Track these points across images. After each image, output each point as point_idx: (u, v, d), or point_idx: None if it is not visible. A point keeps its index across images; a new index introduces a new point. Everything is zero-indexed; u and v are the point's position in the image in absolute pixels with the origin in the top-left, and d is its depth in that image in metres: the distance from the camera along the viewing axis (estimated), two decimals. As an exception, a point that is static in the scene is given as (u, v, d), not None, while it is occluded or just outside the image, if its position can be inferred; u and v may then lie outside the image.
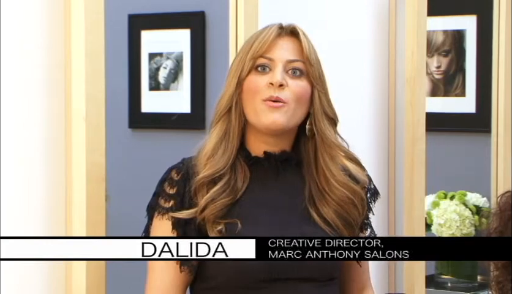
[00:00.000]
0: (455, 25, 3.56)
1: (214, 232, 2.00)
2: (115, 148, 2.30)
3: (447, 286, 3.55)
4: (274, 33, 2.06)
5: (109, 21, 2.31)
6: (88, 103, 2.24)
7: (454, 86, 3.58)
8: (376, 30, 3.22)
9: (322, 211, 2.10)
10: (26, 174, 2.22)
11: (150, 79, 2.76)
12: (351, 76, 3.14)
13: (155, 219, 2.07)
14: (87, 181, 2.23)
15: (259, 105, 2.02)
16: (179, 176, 2.05)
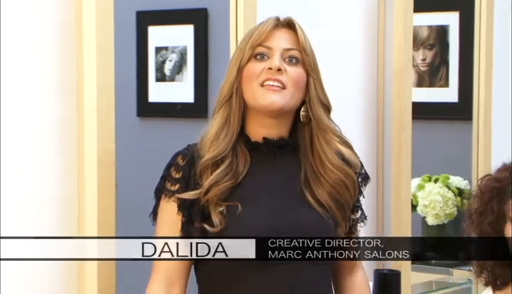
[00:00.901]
0: (439, 21, 3.56)
1: (216, 213, 1.99)
2: (124, 135, 2.30)
3: (431, 262, 3.55)
4: (271, 24, 2.07)
5: (118, 17, 2.29)
6: (99, 94, 2.24)
7: (438, 77, 3.58)
8: (367, 25, 3.21)
9: (316, 192, 2.09)
10: (42, 159, 2.22)
11: (157, 71, 2.76)
12: (344, 68, 3.14)
13: (162, 201, 2.06)
14: (99, 166, 2.23)
15: (257, 88, 2.02)
16: (184, 161, 2.04)
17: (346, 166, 2.13)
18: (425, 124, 3.31)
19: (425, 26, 3.48)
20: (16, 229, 2.17)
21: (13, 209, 2.16)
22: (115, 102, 2.27)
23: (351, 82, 3.17)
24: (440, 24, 3.56)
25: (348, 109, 3.16)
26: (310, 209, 2.09)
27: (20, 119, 2.18)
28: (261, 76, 2.02)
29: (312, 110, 2.08)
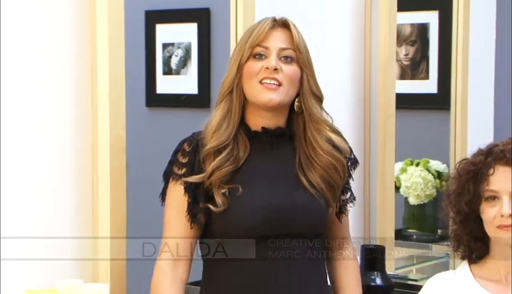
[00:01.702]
0: (420, 19, 3.56)
1: (219, 195, 2.00)
2: (134, 123, 2.31)
3: (412, 238, 3.55)
4: (268, 25, 2.06)
5: (128, 16, 2.29)
6: (111, 85, 2.24)
7: (419, 70, 3.58)
8: (354, 23, 3.21)
9: (309, 176, 2.10)
10: (58, 144, 2.23)
11: (164, 66, 2.76)
12: (333, 62, 3.14)
13: (170, 184, 2.07)
14: (111, 151, 2.23)
15: (256, 86, 2.03)
16: (190, 147, 2.06)
17: (336, 151, 2.13)
18: (408, 113, 3.31)
19: (407, 24, 3.48)
20: (37, 203, 2.18)
21: (34, 187, 2.17)
22: (126, 93, 2.27)
23: (340, 75, 3.17)
24: (421, 22, 3.56)
25: (338, 100, 3.15)
26: (305, 191, 2.10)
27: (41, 108, 2.18)
28: (259, 74, 2.03)
29: (304, 102, 2.09)
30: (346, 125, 3.18)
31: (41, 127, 2.19)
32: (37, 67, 2.17)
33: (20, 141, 2.14)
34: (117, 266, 2.24)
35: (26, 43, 2.14)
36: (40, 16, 2.16)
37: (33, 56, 2.16)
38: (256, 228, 2.03)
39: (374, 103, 3.21)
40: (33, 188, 2.17)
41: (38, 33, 2.16)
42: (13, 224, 2.13)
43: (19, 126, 2.14)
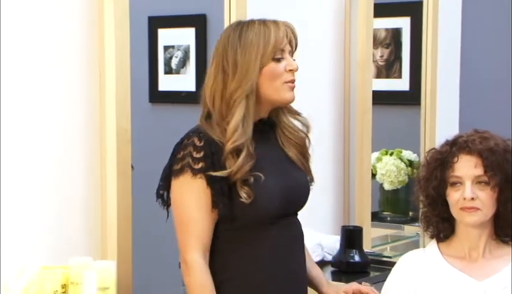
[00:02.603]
0: (394, 24, 3.56)
1: (245, 186, 1.94)
2: (138, 118, 2.30)
3: (387, 220, 3.56)
4: (284, 32, 2.01)
5: (133, 21, 2.28)
6: (117, 83, 2.23)
7: (393, 70, 3.58)
8: (336, 28, 3.21)
9: (289, 154, 2.09)
10: (71, 135, 2.22)
11: (165, 66, 2.74)
12: (317, 62, 3.14)
13: (183, 178, 1.93)
14: (117, 142, 2.23)
15: (281, 86, 1.99)
16: (201, 142, 1.94)
17: (302, 131, 2.13)
18: (383, 108, 3.31)
19: (382, 28, 3.48)
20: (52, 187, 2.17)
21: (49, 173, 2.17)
22: (130, 90, 2.26)
23: (323, 74, 3.17)
24: (394, 27, 3.56)
25: (321, 96, 3.16)
26: (300, 171, 2.10)
27: (54, 103, 2.17)
28: (284, 76, 1.99)
29: None
30: (328, 119, 3.19)
31: (56, 120, 2.18)
32: (52, 67, 2.16)
33: (36, 131, 2.14)
34: (124, 245, 2.23)
35: (42, 47, 2.14)
36: (55, 23, 2.16)
37: (49, 57, 2.15)
38: (276, 210, 2.01)
39: (353, 99, 3.21)
40: (48, 174, 2.17)
41: (53, 38, 2.16)
42: (31, 206, 2.13)
43: (36, 119, 2.14)
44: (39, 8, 2.12)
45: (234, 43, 1.97)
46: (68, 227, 2.21)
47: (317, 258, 2.78)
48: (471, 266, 2.04)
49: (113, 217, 2.22)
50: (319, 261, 2.78)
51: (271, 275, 2.00)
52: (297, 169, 2.10)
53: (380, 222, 3.47)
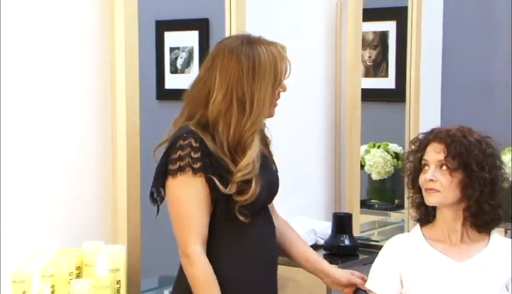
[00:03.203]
0: (381, 28, 3.55)
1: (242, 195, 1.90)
2: (146, 114, 2.29)
3: (374, 207, 3.56)
4: (286, 62, 1.96)
5: (141, 25, 2.27)
6: (127, 81, 2.22)
7: (380, 70, 3.57)
8: (328, 31, 3.20)
9: (261, 148, 2.02)
10: (84, 130, 2.22)
11: (171, 66, 2.74)
12: (311, 64, 3.13)
13: (183, 177, 1.86)
14: (127, 135, 2.23)
15: (273, 107, 1.97)
16: (197, 143, 1.86)
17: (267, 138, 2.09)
18: (371, 104, 3.30)
19: (370, 31, 3.47)
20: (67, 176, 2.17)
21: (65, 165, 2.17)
22: (139, 88, 2.25)
23: (316, 74, 3.17)
24: (381, 30, 3.55)
25: (315, 94, 3.16)
26: (272, 165, 2.08)
27: (70, 100, 2.18)
28: (276, 99, 1.97)
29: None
30: (321, 115, 3.19)
31: (72, 115, 2.19)
32: (68, 67, 2.17)
33: (54, 125, 2.14)
34: (133, 231, 2.23)
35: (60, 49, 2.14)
36: (71, 28, 2.17)
37: (66, 58, 2.16)
38: (264, 202, 2.00)
39: (343, 97, 3.20)
40: (64, 165, 2.17)
41: (69, 41, 2.16)
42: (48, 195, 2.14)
43: (54, 114, 2.14)
44: (57, 15, 2.13)
45: (249, 74, 1.88)
46: (82, 214, 2.21)
47: (311, 242, 2.79)
48: (452, 249, 2.04)
49: (123, 205, 2.21)
50: (312, 245, 2.78)
51: (256, 260, 2.00)
52: (269, 163, 2.07)
53: (368, 209, 3.48)
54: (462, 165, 1.97)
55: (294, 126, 3.01)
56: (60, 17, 2.14)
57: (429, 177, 1.99)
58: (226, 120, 1.89)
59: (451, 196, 1.99)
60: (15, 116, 2.05)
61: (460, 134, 2.00)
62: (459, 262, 2.02)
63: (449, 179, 1.97)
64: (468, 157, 1.97)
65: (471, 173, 1.97)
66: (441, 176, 1.98)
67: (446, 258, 2.03)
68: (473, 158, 1.97)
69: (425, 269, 2.03)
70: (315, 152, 3.17)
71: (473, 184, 1.97)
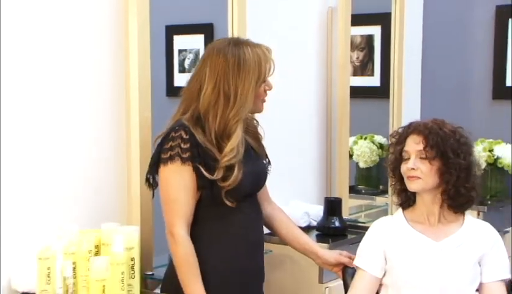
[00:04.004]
0: (367, 31, 3.54)
1: (226, 181, 1.90)
2: (157, 109, 2.29)
3: (362, 192, 3.56)
4: (270, 61, 1.96)
5: (153, 29, 2.26)
6: (140, 80, 2.22)
7: (367, 69, 3.56)
8: (320, 35, 3.19)
9: (249, 141, 2.03)
10: (102, 123, 2.22)
11: (179, 66, 2.73)
12: (305, 64, 3.12)
13: (173, 165, 1.87)
14: (140, 128, 2.22)
15: (260, 102, 1.98)
16: (187, 135, 1.88)
17: (255, 120, 2.09)
18: (359, 100, 3.29)
19: (358, 35, 3.46)
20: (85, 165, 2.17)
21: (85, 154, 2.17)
22: (151, 86, 2.25)
23: (310, 73, 3.15)
24: (368, 34, 3.54)
25: (309, 91, 3.15)
26: (259, 158, 2.07)
27: (90, 97, 2.17)
28: (263, 95, 1.97)
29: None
30: (314, 110, 3.18)
31: (91, 111, 2.18)
32: (87, 67, 2.16)
33: (75, 119, 2.14)
34: (145, 213, 2.23)
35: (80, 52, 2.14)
36: (89, 32, 2.16)
37: (85, 60, 2.16)
38: (248, 191, 1.99)
39: (334, 93, 3.19)
40: (85, 154, 2.17)
41: (88, 44, 2.16)
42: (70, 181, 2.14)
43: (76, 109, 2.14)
44: (79, 22, 2.13)
45: (235, 70, 1.90)
46: (100, 198, 2.21)
47: (304, 224, 2.78)
48: (430, 229, 2.04)
49: (137, 191, 2.21)
50: (306, 226, 2.78)
51: (242, 240, 1.98)
52: (257, 155, 2.07)
53: (356, 194, 3.48)
54: (440, 154, 1.97)
55: (290, 120, 3.01)
56: (82, 24, 2.14)
57: (410, 166, 1.98)
58: (215, 111, 1.90)
59: (430, 182, 1.99)
60: (43, 111, 2.05)
61: (436, 126, 2.00)
62: (437, 241, 2.02)
63: (428, 166, 1.97)
64: (445, 146, 1.97)
65: (448, 160, 1.97)
66: (421, 164, 1.98)
67: (425, 237, 2.03)
68: (448, 146, 1.97)
69: (406, 247, 2.03)
70: (308, 143, 3.17)
71: (450, 170, 1.97)
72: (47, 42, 2.05)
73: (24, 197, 2.01)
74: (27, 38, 1.99)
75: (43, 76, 2.05)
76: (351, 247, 2.35)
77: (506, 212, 3.56)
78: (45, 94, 2.05)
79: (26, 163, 2.01)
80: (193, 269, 1.89)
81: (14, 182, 1.98)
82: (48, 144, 2.07)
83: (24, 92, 2.00)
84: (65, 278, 1.90)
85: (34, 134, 2.03)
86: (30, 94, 2.02)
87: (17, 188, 1.99)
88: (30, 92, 2.02)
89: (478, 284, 2.01)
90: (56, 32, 2.07)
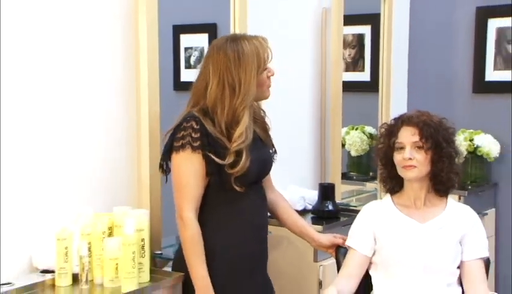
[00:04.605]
0: (358, 31, 3.53)
1: (234, 167, 1.89)
2: (165, 102, 2.28)
3: (353, 178, 3.55)
4: (268, 49, 1.96)
5: (161, 28, 2.24)
6: (149, 75, 2.21)
7: (358, 65, 3.55)
8: (315, 33, 3.17)
9: (256, 131, 2.02)
10: (114, 116, 2.21)
11: (185, 62, 2.72)
12: (302, 61, 3.11)
13: (184, 153, 1.86)
14: (149, 120, 2.21)
15: (266, 89, 1.97)
16: (198, 125, 1.87)
17: (263, 111, 2.08)
18: (350, 94, 3.28)
19: (350, 34, 3.45)
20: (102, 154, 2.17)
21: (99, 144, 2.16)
22: (160, 81, 2.23)
23: (306, 69, 3.14)
24: (359, 33, 3.53)
25: (304, 86, 3.14)
26: (266, 147, 2.07)
27: (104, 91, 2.16)
28: (267, 81, 1.96)
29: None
30: (309, 103, 3.17)
31: (105, 104, 2.17)
32: (101, 64, 2.15)
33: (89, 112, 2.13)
34: (154, 197, 2.22)
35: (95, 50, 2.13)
36: (103, 32, 2.15)
37: (99, 57, 2.15)
38: (253, 178, 1.97)
39: (328, 87, 3.18)
40: (99, 144, 2.16)
41: (102, 43, 2.15)
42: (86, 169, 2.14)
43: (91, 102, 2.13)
44: (93, 21, 2.12)
45: (236, 63, 1.89)
46: (113, 184, 2.20)
47: (300, 208, 2.78)
48: (416, 212, 2.04)
49: (146, 178, 2.21)
50: (302, 209, 2.78)
51: (248, 224, 1.98)
52: (264, 145, 2.06)
53: (348, 180, 3.47)
54: (434, 144, 1.97)
55: (289, 112, 3.00)
56: (97, 24, 2.13)
57: (407, 156, 1.97)
58: (222, 103, 1.90)
59: (424, 170, 1.99)
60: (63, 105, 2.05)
61: (426, 118, 2.00)
62: (422, 223, 2.02)
63: (424, 156, 1.97)
64: (438, 136, 1.97)
65: (441, 150, 1.97)
66: (416, 154, 1.97)
67: (411, 219, 2.03)
68: (441, 137, 1.98)
69: (394, 229, 2.03)
70: (305, 133, 3.17)
71: (442, 159, 1.98)
72: (67, 41, 2.05)
73: (44, 184, 2.01)
74: (49, 37, 1.99)
75: (66, 71, 2.05)
76: (343, 229, 2.35)
77: (485, 196, 3.58)
78: (67, 88, 2.05)
79: (47, 155, 2.01)
80: (199, 251, 1.89)
81: (36, 171, 1.99)
82: (67, 135, 2.06)
83: (50, 86, 2.00)
84: (81, 257, 1.91)
85: (55, 126, 2.03)
86: (56, 87, 2.02)
87: (38, 175, 1.99)
88: (57, 85, 2.02)
89: (459, 262, 2.02)
90: (73, 32, 2.06)
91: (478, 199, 3.43)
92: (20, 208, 1.95)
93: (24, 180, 1.96)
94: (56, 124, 2.03)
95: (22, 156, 1.95)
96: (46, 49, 1.99)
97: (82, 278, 1.90)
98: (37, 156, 1.99)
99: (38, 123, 1.98)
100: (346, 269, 2.06)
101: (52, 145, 2.03)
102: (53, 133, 2.03)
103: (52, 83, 2.02)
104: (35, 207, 1.99)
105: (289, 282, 2.46)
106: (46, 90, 2.00)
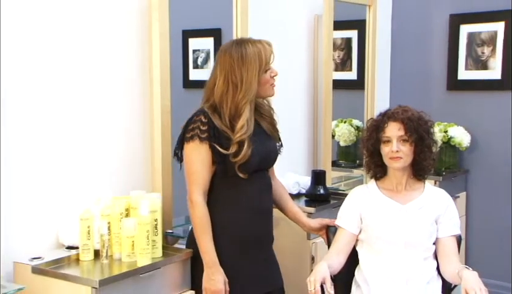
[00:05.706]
0: (346, 35, 3.50)
1: (241, 147, 1.88)
2: (175, 99, 2.27)
3: (342, 165, 3.54)
4: (270, 51, 1.95)
5: (172, 33, 2.23)
6: (161, 74, 2.19)
7: (346, 65, 3.53)
8: (308, 37, 3.15)
9: (263, 125, 2.01)
10: (131, 110, 2.19)
11: (194, 63, 2.70)
12: (296, 62, 3.08)
13: (193, 143, 1.87)
14: (161, 113, 2.20)
15: (268, 87, 1.95)
16: (206, 119, 1.88)
17: (271, 107, 2.06)
18: (340, 91, 3.26)
19: (339, 37, 3.42)
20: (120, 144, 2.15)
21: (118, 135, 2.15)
22: (170, 79, 2.21)
23: (300, 69, 3.12)
24: (347, 37, 3.50)
25: (298, 84, 3.12)
26: (271, 140, 2.04)
27: (121, 89, 2.15)
28: (270, 81, 1.94)
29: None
30: (303, 99, 3.16)
31: (122, 100, 2.16)
32: (118, 65, 2.14)
33: (107, 107, 2.12)
34: (166, 182, 2.21)
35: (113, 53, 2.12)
36: (120, 36, 2.14)
37: (117, 59, 2.13)
38: (255, 166, 1.95)
39: (320, 85, 3.16)
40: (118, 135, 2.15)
41: (119, 46, 2.13)
42: (105, 157, 2.13)
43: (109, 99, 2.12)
44: (112, 27, 2.11)
45: (239, 63, 1.88)
46: (129, 170, 2.20)
47: (295, 192, 2.77)
48: (398, 195, 2.03)
49: (159, 164, 2.20)
50: (296, 193, 2.77)
51: (250, 207, 1.96)
52: (269, 138, 2.03)
53: (337, 167, 3.46)
54: (417, 137, 1.95)
55: (285, 107, 2.97)
56: (115, 29, 2.12)
57: (395, 149, 1.96)
58: (227, 98, 1.90)
59: (409, 160, 1.99)
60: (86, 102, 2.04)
61: (409, 114, 1.98)
62: (403, 204, 2.01)
63: (409, 148, 1.97)
64: (420, 130, 1.97)
65: (423, 142, 1.97)
66: (402, 146, 1.97)
67: (393, 201, 2.02)
68: (423, 130, 1.97)
69: (378, 210, 2.02)
70: (299, 126, 3.15)
71: (424, 149, 1.97)
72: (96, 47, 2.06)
73: (70, 171, 2.01)
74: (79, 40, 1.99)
75: (94, 72, 2.06)
76: (333, 210, 2.34)
77: (457, 181, 3.60)
78: (94, 87, 2.06)
79: (74, 147, 2.01)
80: (206, 229, 1.89)
81: (63, 161, 1.99)
82: (89, 128, 2.06)
83: (82, 85, 2.02)
84: (101, 235, 1.91)
85: (81, 122, 2.03)
86: (86, 87, 2.03)
87: (64, 165, 1.99)
88: (87, 84, 2.03)
89: (435, 239, 2.01)
90: (95, 37, 2.06)
91: (451, 184, 3.44)
92: (49, 193, 1.96)
93: (52, 170, 1.96)
94: (80, 119, 2.03)
95: (53, 149, 1.95)
96: (80, 53, 2.00)
97: (102, 253, 1.90)
98: (65, 149, 1.99)
99: (67, 119, 1.99)
100: (335, 246, 2.05)
101: (78, 139, 2.03)
102: (79, 128, 2.03)
103: (84, 83, 2.03)
104: (61, 191, 1.99)
105: (287, 257, 2.45)
106: (79, 90, 2.01)
